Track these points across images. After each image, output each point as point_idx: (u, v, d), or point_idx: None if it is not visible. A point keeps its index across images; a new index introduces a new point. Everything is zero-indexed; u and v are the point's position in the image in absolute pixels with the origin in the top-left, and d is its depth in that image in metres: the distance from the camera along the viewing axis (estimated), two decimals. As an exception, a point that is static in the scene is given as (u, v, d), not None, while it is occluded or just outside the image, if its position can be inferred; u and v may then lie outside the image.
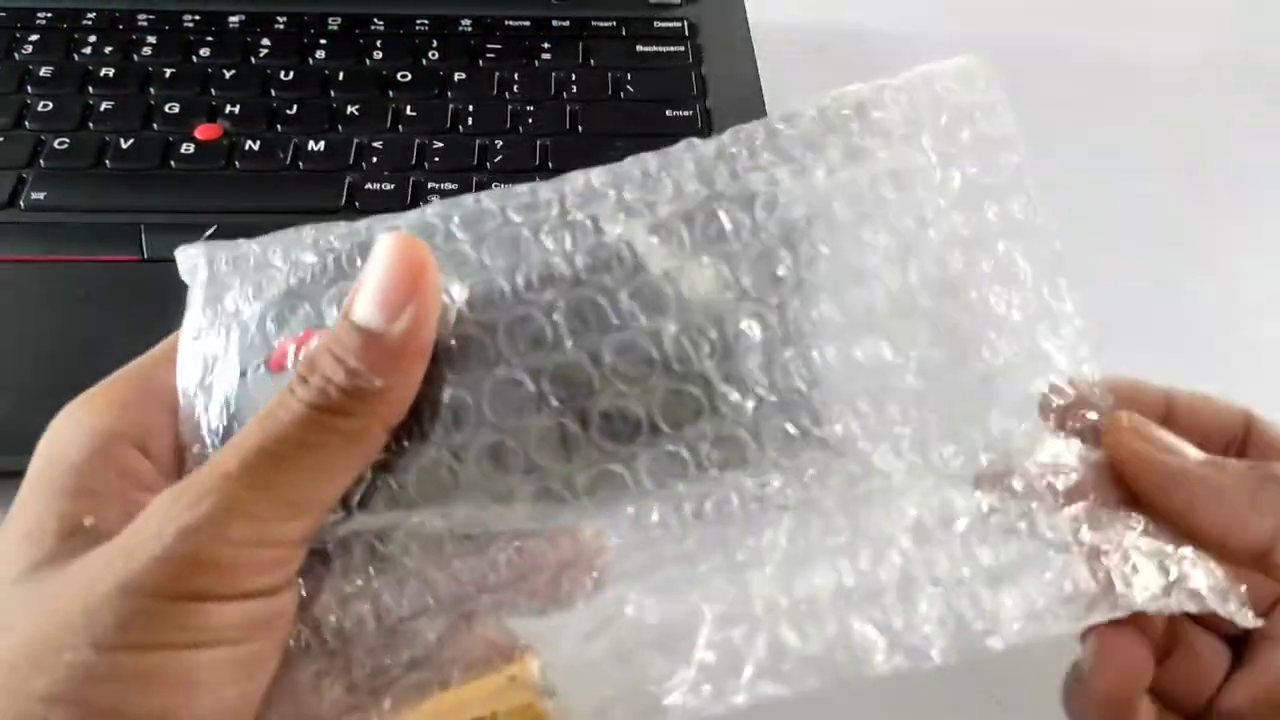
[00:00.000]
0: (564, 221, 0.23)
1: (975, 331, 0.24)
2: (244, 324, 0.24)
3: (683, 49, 0.53)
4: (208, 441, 0.24)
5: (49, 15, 0.52)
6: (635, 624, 0.22)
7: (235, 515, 0.20)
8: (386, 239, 0.22)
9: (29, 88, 0.49)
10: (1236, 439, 0.26)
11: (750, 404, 0.22)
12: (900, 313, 0.23)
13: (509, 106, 0.49)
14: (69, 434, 0.23)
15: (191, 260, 0.26)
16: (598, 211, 0.23)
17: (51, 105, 0.48)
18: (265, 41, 0.52)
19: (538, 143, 0.48)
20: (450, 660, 0.23)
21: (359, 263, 0.24)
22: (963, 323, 0.24)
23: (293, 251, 0.25)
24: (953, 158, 0.24)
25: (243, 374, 0.24)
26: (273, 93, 0.50)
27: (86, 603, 0.20)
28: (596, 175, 0.24)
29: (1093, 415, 0.24)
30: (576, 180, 0.24)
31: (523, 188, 0.24)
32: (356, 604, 0.23)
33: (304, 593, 0.23)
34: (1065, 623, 0.22)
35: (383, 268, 0.21)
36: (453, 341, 0.22)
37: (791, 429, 0.22)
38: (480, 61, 0.52)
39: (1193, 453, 0.24)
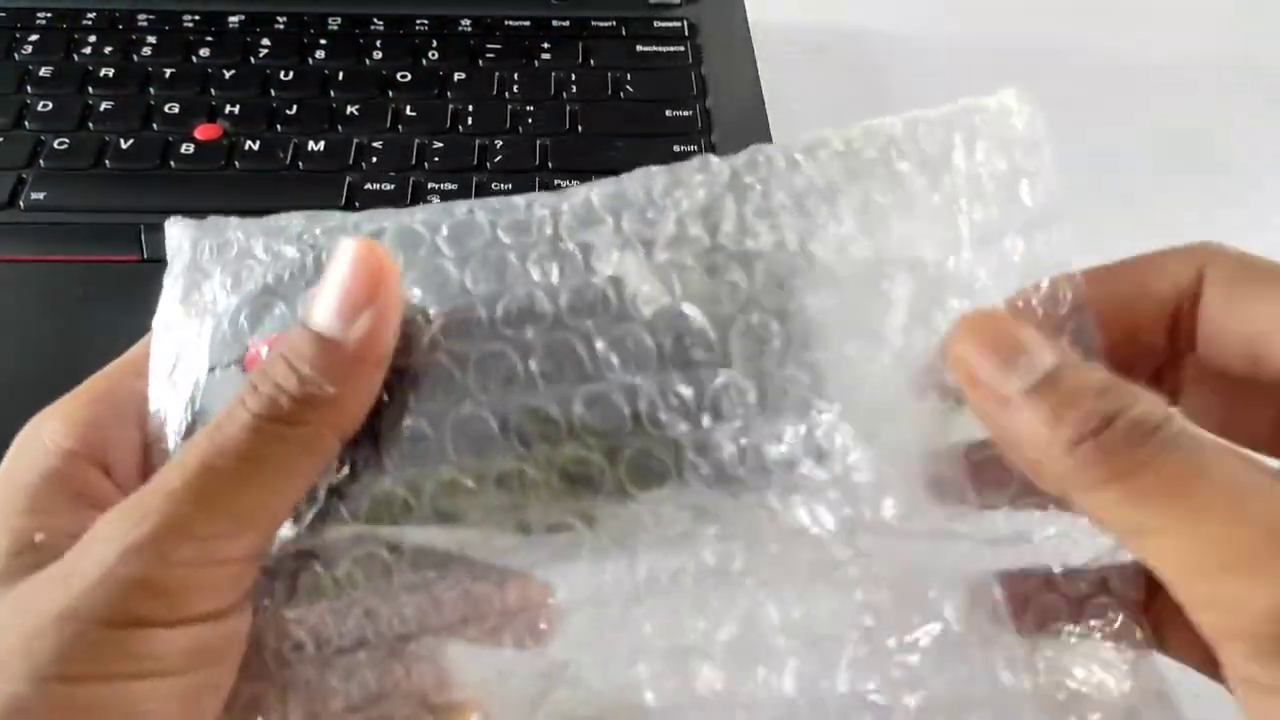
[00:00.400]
0: (554, 249, 0.22)
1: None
2: (218, 317, 0.24)
3: (683, 49, 0.53)
4: (170, 440, 0.23)
5: (49, 15, 0.52)
6: (577, 698, 0.22)
7: (179, 535, 0.19)
8: (348, 244, 0.21)
9: (29, 88, 0.49)
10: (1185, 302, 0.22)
11: (720, 476, 0.21)
12: (887, 410, 0.22)
13: (509, 106, 0.49)
14: (29, 452, 0.22)
15: (178, 238, 0.25)
16: (591, 240, 0.22)
17: (51, 105, 0.48)
18: (265, 41, 0.52)
19: (538, 143, 0.48)
20: (388, 714, 0.22)
21: None
22: (959, 423, 0.22)
23: (275, 243, 0.24)
24: (983, 208, 0.22)
25: (212, 369, 0.23)
26: (273, 93, 0.50)
27: (25, 630, 0.19)
28: (598, 193, 0.23)
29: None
30: (576, 197, 0.23)
31: (520, 200, 0.23)
32: (296, 630, 0.22)
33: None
34: None
35: (342, 274, 0.21)
36: (422, 368, 0.22)
37: (759, 509, 0.21)
38: (480, 61, 0.52)
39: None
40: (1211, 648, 0.18)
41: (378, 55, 0.51)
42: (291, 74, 0.50)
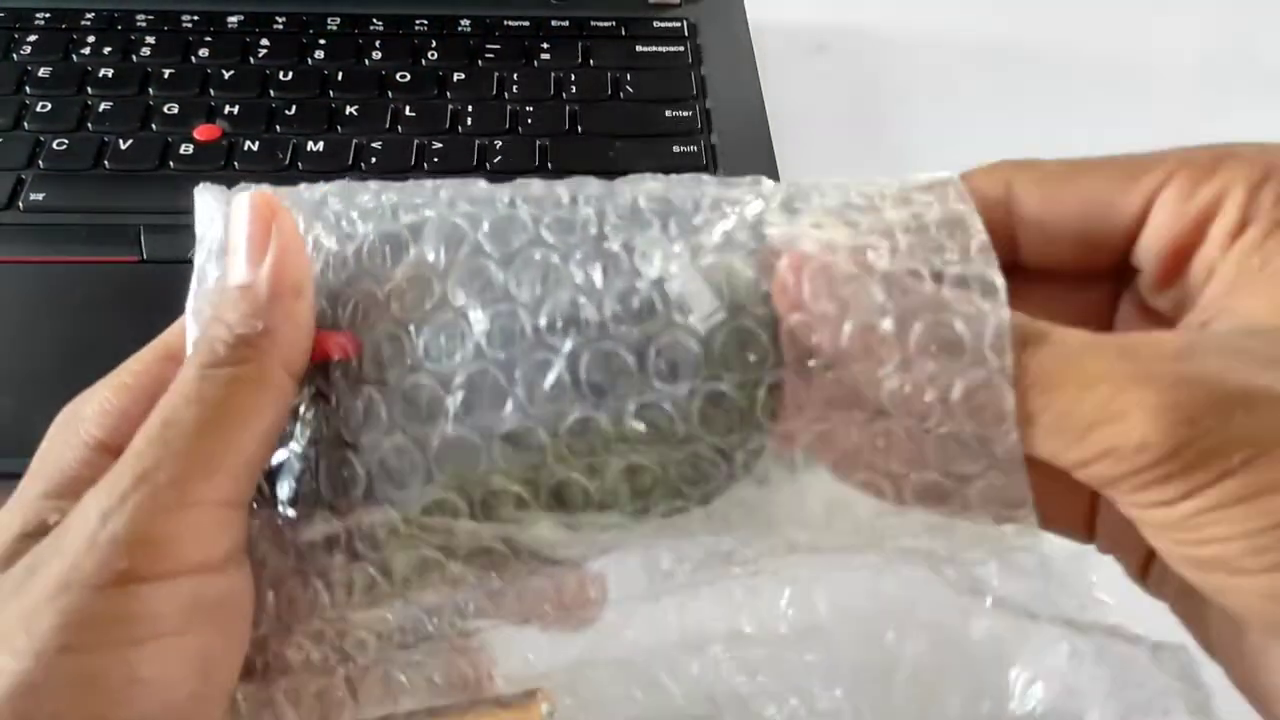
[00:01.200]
0: (598, 249, 0.22)
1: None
2: None
3: (682, 49, 0.53)
4: None
5: (48, 15, 0.52)
6: (651, 694, 0.22)
7: (148, 484, 0.20)
8: (241, 202, 0.23)
9: (28, 88, 0.49)
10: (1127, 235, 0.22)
11: (769, 477, 0.21)
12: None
13: (508, 106, 0.49)
14: (62, 440, 0.23)
15: (210, 212, 0.24)
16: (635, 243, 0.22)
17: (50, 106, 0.48)
18: (265, 41, 0.52)
19: (537, 143, 0.48)
20: (456, 707, 0.23)
21: (384, 261, 0.23)
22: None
23: (314, 228, 0.24)
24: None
25: None
26: (272, 93, 0.49)
27: (25, 607, 0.19)
28: (645, 195, 0.22)
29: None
30: (622, 197, 0.22)
31: (563, 193, 0.23)
32: (356, 630, 0.22)
33: (300, 609, 0.22)
34: None
35: (241, 232, 0.23)
36: (464, 377, 0.21)
37: (799, 497, 0.22)
38: (480, 61, 0.52)
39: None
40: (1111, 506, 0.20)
41: (377, 55, 0.51)
42: (291, 74, 0.50)
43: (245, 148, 0.47)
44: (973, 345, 0.19)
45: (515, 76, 0.51)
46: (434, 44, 0.52)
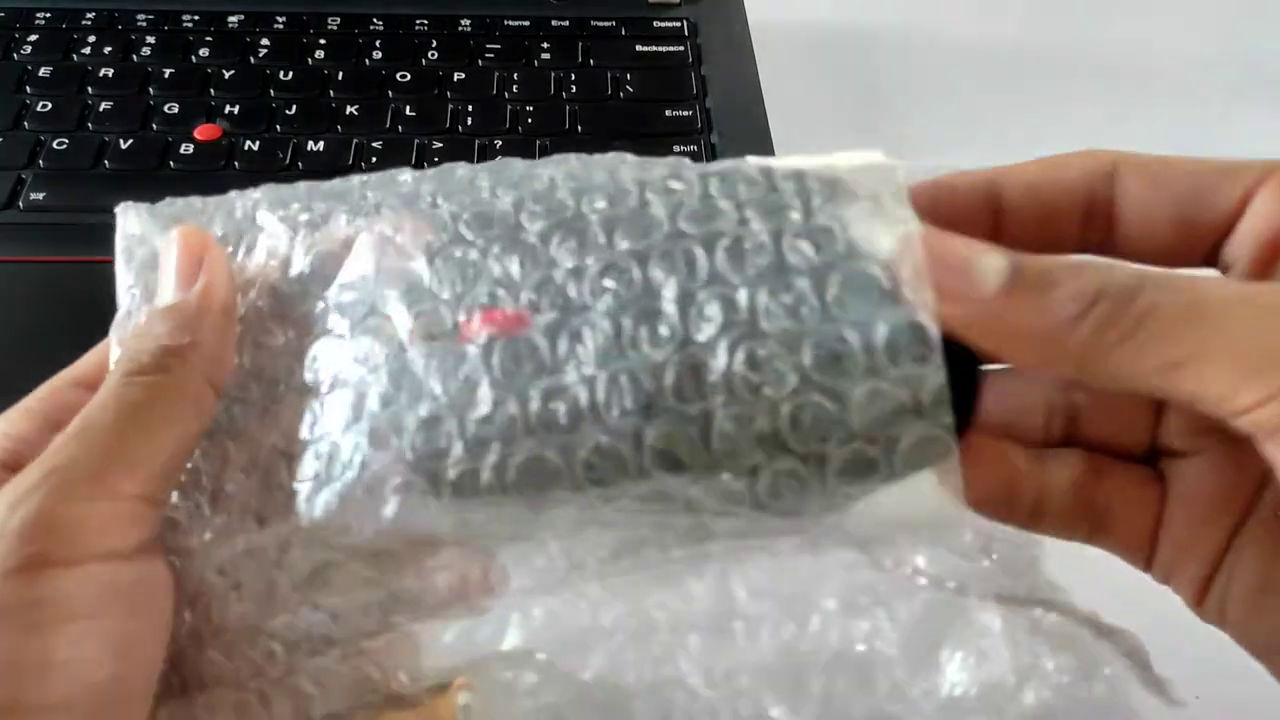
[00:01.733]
0: (515, 243, 0.22)
1: None
2: None
3: (682, 49, 0.53)
4: None
5: (48, 15, 0.52)
6: (553, 684, 0.22)
7: (61, 475, 0.20)
8: (171, 236, 0.24)
9: (28, 88, 0.49)
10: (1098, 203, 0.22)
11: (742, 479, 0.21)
12: None
13: (509, 106, 0.49)
14: None
15: (133, 233, 0.25)
16: (619, 215, 0.22)
17: (50, 106, 0.48)
18: (265, 42, 0.52)
19: (537, 143, 0.48)
20: (371, 707, 0.23)
21: (323, 279, 0.23)
22: None
23: (256, 249, 0.24)
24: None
25: None
26: (272, 93, 0.50)
27: None
28: (629, 171, 0.23)
29: None
30: (599, 176, 0.23)
31: (544, 174, 0.23)
32: (264, 640, 0.23)
33: (213, 621, 0.22)
34: (982, 715, 0.21)
35: (171, 261, 0.24)
36: (383, 373, 0.21)
37: (731, 482, 0.21)
38: (480, 61, 0.52)
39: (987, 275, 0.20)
40: (1265, 457, 0.18)
41: (377, 55, 0.51)
42: (291, 74, 0.50)
43: (245, 148, 0.47)
44: (889, 286, 0.19)
45: (515, 76, 0.51)
46: (434, 44, 0.52)
